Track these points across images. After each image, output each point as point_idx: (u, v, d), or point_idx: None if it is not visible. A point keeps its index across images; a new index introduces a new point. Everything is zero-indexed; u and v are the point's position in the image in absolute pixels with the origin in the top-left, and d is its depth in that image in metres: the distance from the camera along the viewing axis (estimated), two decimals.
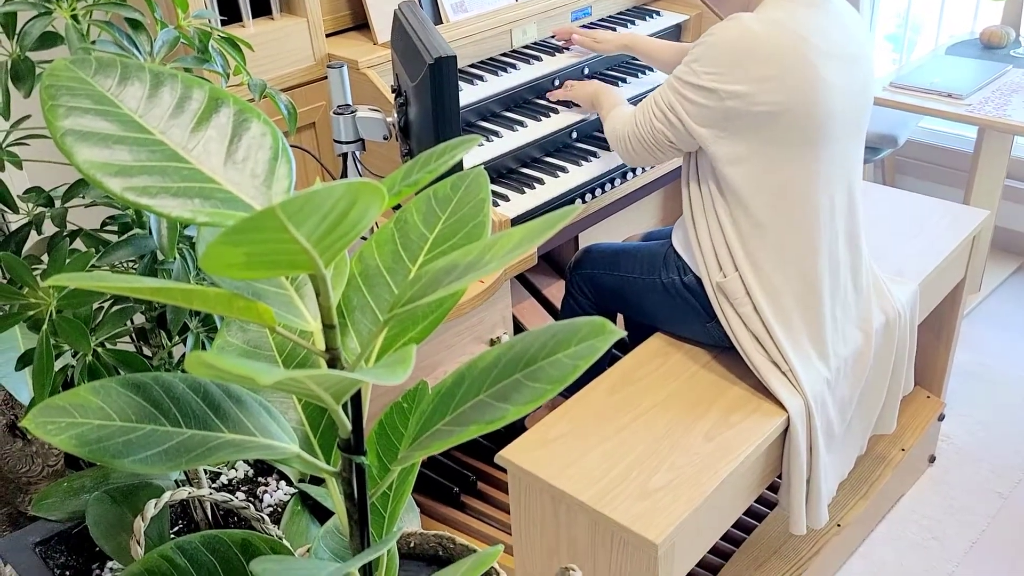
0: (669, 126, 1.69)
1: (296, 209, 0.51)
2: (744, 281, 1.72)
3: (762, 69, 1.58)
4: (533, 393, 0.66)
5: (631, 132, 1.77)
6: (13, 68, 0.87)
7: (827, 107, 1.62)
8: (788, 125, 1.61)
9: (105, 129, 0.68)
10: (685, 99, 1.65)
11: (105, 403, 0.70)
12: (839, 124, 1.66)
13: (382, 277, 0.81)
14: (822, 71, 1.60)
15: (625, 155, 1.82)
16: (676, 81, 1.67)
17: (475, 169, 0.85)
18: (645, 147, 1.75)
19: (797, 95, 1.59)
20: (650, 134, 1.72)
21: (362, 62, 1.95)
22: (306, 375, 0.53)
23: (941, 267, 2.15)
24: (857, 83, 1.69)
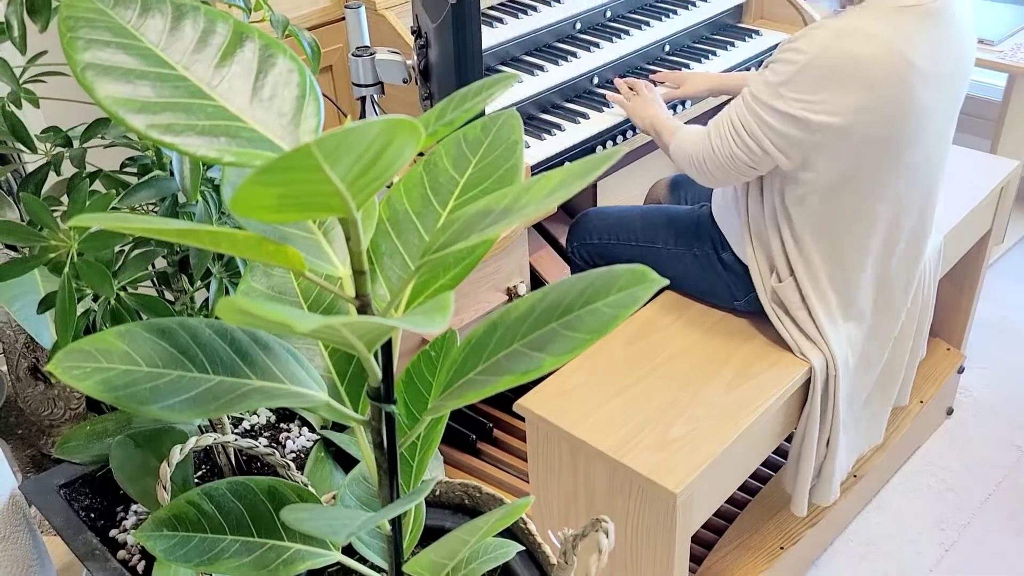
0: (749, 152, 1.53)
1: (332, 148, 0.48)
2: (799, 286, 1.65)
3: (860, 99, 1.43)
4: (570, 343, 0.64)
5: (707, 157, 1.60)
6: (29, 1, 0.84)
7: (920, 133, 1.51)
8: (877, 152, 1.50)
9: (126, 63, 0.66)
10: (768, 126, 1.49)
11: (131, 348, 0.69)
12: (927, 146, 1.56)
13: (411, 222, 0.79)
14: (921, 97, 1.46)
15: (702, 179, 1.66)
16: (757, 104, 1.50)
17: (507, 111, 0.82)
18: (725, 171, 1.59)
19: (893, 125, 1.47)
20: (728, 159, 1.57)
21: (380, 3, 1.90)
22: (342, 322, 0.51)
23: (967, 218, 2.11)
24: (948, 99, 1.55)
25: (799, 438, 1.78)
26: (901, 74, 1.43)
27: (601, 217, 1.97)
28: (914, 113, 1.48)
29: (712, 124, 1.62)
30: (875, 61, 1.42)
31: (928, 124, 1.52)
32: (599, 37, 2.16)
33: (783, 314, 1.69)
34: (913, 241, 1.71)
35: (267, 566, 0.81)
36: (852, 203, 1.56)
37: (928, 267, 1.90)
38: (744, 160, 1.56)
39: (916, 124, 1.50)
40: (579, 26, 2.17)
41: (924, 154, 1.57)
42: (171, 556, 0.80)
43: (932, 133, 1.55)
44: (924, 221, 1.70)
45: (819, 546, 2.06)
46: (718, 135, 1.59)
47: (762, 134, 1.51)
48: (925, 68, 1.45)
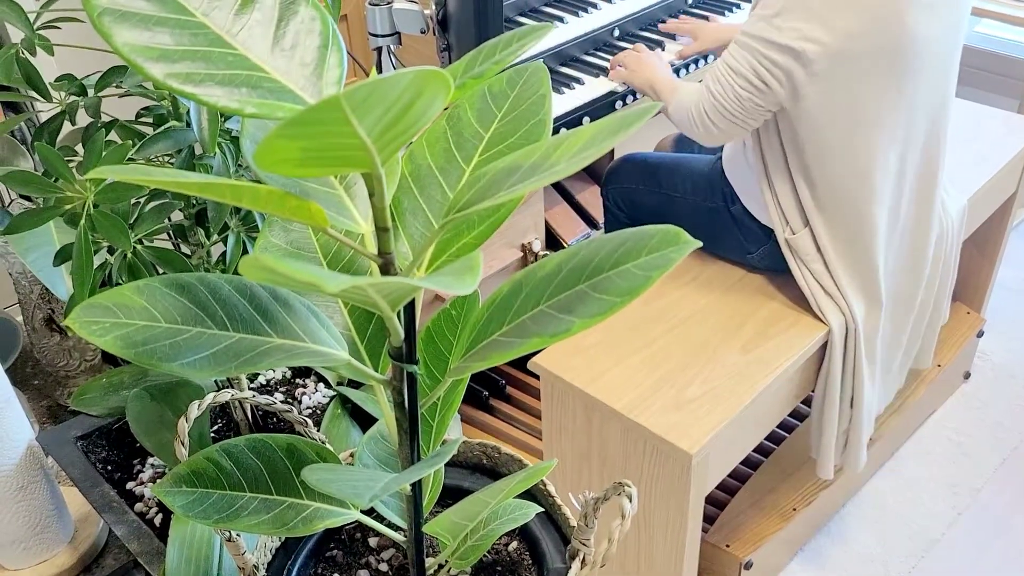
0: (752, 89, 1.49)
1: (361, 100, 0.46)
2: (816, 238, 1.62)
3: (853, 23, 1.41)
4: (600, 305, 0.62)
5: (710, 107, 1.55)
6: None
7: (917, 60, 1.48)
8: (874, 80, 1.47)
9: (144, 9, 0.63)
10: (767, 59, 1.46)
11: (150, 303, 0.67)
12: (926, 75, 1.52)
13: (434, 178, 0.77)
14: (913, 22, 1.43)
15: (705, 134, 1.61)
16: (753, 40, 1.47)
17: (534, 63, 0.80)
18: (732, 119, 1.54)
19: (887, 52, 1.44)
20: (735, 104, 1.52)
21: None
22: (370, 283, 0.49)
23: (992, 181, 2.07)
24: (949, 26, 1.52)
25: (819, 400, 1.76)
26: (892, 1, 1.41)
27: (634, 163, 1.95)
28: (909, 40, 1.45)
29: (708, 74, 1.57)
30: None
31: (925, 54, 1.49)
32: None
33: (801, 264, 1.67)
34: (923, 185, 1.68)
35: (286, 524, 0.81)
36: (854, 137, 1.53)
37: (951, 230, 1.87)
38: (750, 99, 1.51)
39: (912, 52, 1.47)
40: None
41: (924, 86, 1.54)
42: (190, 512, 0.80)
43: (930, 64, 1.52)
44: (930, 162, 1.67)
45: (832, 508, 2.06)
46: (716, 81, 1.54)
47: (763, 68, 1.48)
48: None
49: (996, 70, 3.20)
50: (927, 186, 1.70)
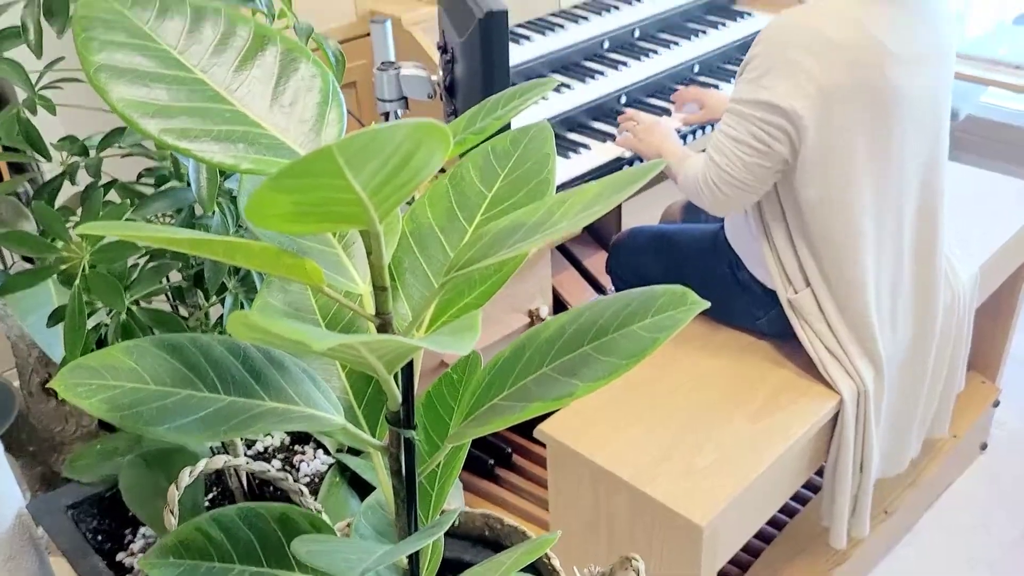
0: (760, 155, 1.49)
1: (355, 151, 0.45)
2: (817, 297, 1.60)
3: (835, 78, 1.41)
4: (605, 368, 0.60)
5: (717, 177, 1.54)
6: (46, 3, 0.82)
7: (902, 116, 1.48)
8: (860, 134, 1.47)
9: (142, 65, 0.62)
10: (764, 122, 1.47)
11: (139, 364, 0.65)
12: (912, 132, 1.53)
13: (436, 237, 0.75)
14: (899, 82, 1.45)
15: (713, 203, 1.59)
16: (744, 105, 1.48)
17: (538, 123, 0.78)
18: (741, 187, 1.53)
19: (871, 105, 1.45)
20: (743, 171, 1.51)
21: (406, 19, 1.88)
22: (362, 341, 0.47)
23: (1004, 248, 2.05)
24: (932, 81, 1.53)
25: (831, 467, 1.72)
26: (873, 54, 1.42)
27: (640, 235, 1.95)
28: (893, 94, 1.46)
29: (710, 145, 1.57)
30: (846, 40, 1.41)
31: (910, 108, 1.50)
32: (627, 56, 2.13)
33: (805, 325, 1.65)
34: (922, 247, 1.67)
35: None
36: (846, 193, 1.52)
37: (963, 296, 1.84)
38: (756, 164, 1.50)
39: (897, 106, 1.47)
40: (607, 45, 2.14)
41: (913, 141, 1.54)
42: None
43: (917, 119, 1.53)
44: (928, 223, 1.66)
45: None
46: (719, 152, 1.53)
47: (761, 131, 1.48)
48: (898, 50, 1.44)
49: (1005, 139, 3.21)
50: (927, 248, 1.68)
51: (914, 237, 1.66)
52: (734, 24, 2.29)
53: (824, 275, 1.59)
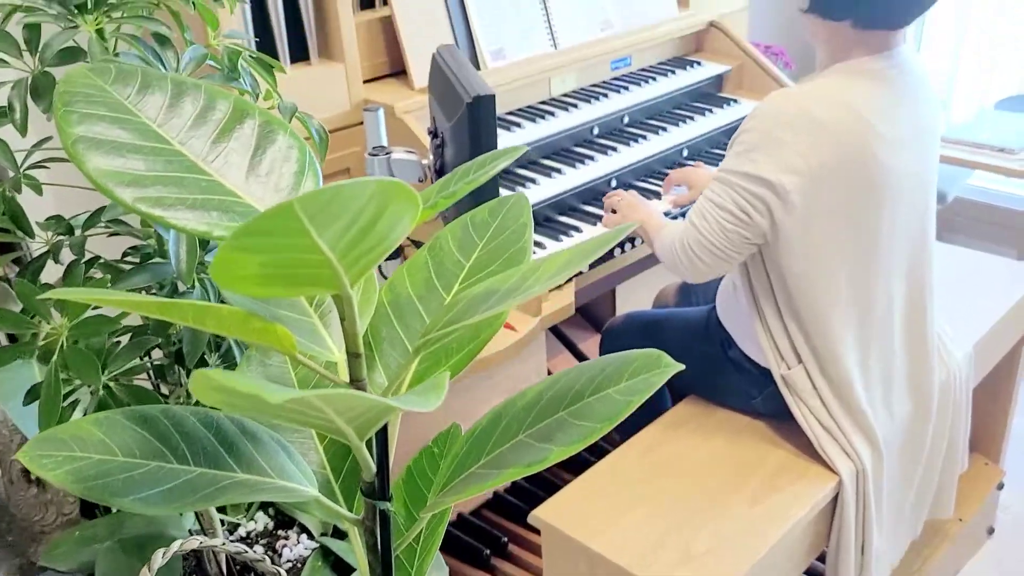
0: (741, 224, 1.50)
1: (318, 208, 0.45)
2: (809, 373, 1.59)
3: (824, 157, 1.43)
4: (580, 432, 0.59)
5: (695, 241, 1.55)
6: (33, 83, 0.83)
7: (891, 197, 1.50)
8: (848, 212, 1.48)
9: (120, 137, 0.63)
10: (749, 193, 1.48)
11: (108, 436, 0.64)
12: (899, 206, 1.53)
13: (414, 307, 0.75)
14: (888, 162, 1.46)
15: (691, 268, 1.59)
16: (732, 175, 1.50)
17: (516, 194, 0.79)
18: (718, 253, 1.54)
19: (859, 185, 1.46)
20: (721, 238, 1.52)
21: (399, 107, 1.92)
22: (319, 395, 0.46)
23: (998, 327, 2.04)
24: (919, 162, 1.55)
25: (833, 550, 1.68)
26: (861, 135, 1.43)
27: (632, 320, 1.94)
28: (880, 174, 1.46)
29: (692, 210, 1.58)
30: (834, 121, 1.43)
31: (899, 187, 1.51)
32: (616, 141, 2.16)
33: (800, 402, 1.63)
34: (913, 325, 1.65)
35: None
36: (835, 270, 1.53)
37: (959, 375, 1.83)
38: (735, 231, 1.51)
39: (886, 185, 1.48)
40: (597, 131, 2.18)
41: (901, 220, 1.55)
42: None
43: (906, 198, 1.53)
44: (917, 301, 1.65)
45: None
46: (701, 217, 1.54)
47: (744, 201, 1.49)
48: (886, 132, 1.45)
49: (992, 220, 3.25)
50: (918, 325, 1.68)
51: (904, 314, 1.66)
52: (720, 111, 2.34)
53: (813, 350, 1.59)
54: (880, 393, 1.65)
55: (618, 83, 2.30)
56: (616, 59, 2.32)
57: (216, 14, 0.96)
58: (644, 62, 2.41)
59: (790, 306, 1.58)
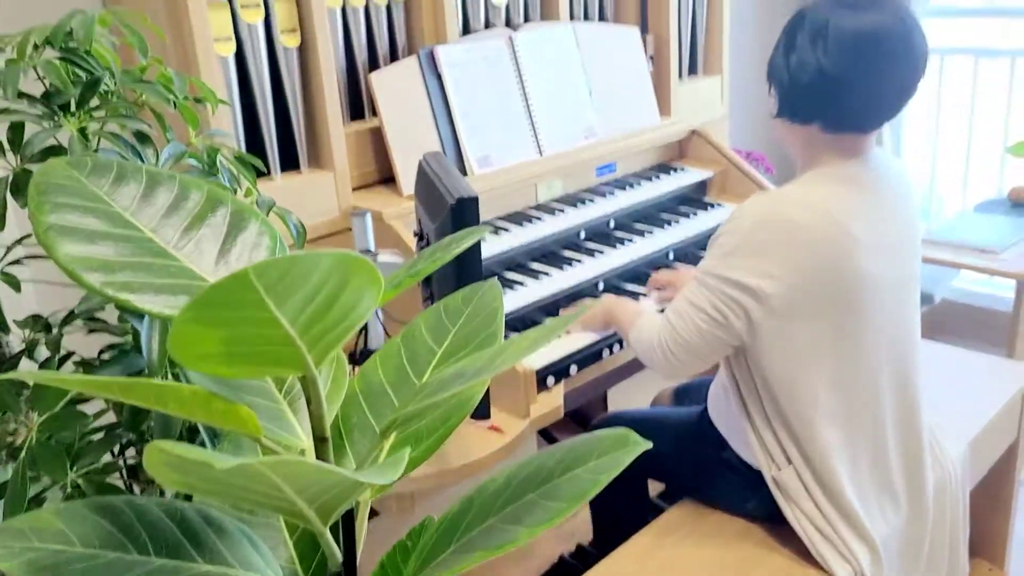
0: (717, 325, 1.51)
1: (275, 278, 0.45)
2: (800, 476, 1.57)
3: (802, 262, 1.44)
4: (548, 512, 0.58)
5: (670, 338, 1.56)
6: (14, 180, 0.85)
7: (870, 300, 1.50)
8: (831, 320, 1.48)
9: (91, 225, 0.64)
10: (727, 296, 1.49)
11: (68, 527, 0.62)
12: (882, 316, 1.53)
13: (386, 394, 0.75)
14: (867, 268, 1.47)
15: (665, 364, 1.60)
16: (710, 277, 1.51)
17: (489, 280, 0.80)
18: (693, 352, 1.55)
19: (840, 290, 1.46)
20: (696, 336, 1.53)
21: (387, 213, 1.95)
22: (265, 462, 0.45)
23: (990, 425, 2.03)
24: (899, 270, 1.55)
25: None
26: (839, 241, 1.44)
27: (621, 419, 1.91)
28: (858, 279, 1.46)
29: (669, 308, 1.59)
30: (812, 227, 1.43)
31: (879, 291, 1.50)
32: (603, 244, 2.19)
33: (793, 505, 1.59)
34: (905, 428, 1.62)
35: None
36: (817, 373, 1.51)
37: (953, 476, 1.79)
38: (710, 332, 1.51)
39: (862, 290, 1.48)
40: (583, 235, 2.21)
41: (885, 323, 1.54)
42: None
43: (888, 301, 1.53)
44: (906, 401, 1.63)
45: None
46: (678, 315, 1.55)
47: (721, 303, 1.49)
48: (865, 237, 1.46)
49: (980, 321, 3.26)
50: (910, 429, 1.64)
51: (895, 418, 1.63)
52: (705, 214, 2.38)
53: (802, 453, 1.56)
54: (874, 496, 1.62)
55: (604, 188, 2.35)
56: (601, 165, 2.38)
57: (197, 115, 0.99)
58: (629, 168, 2.47)
59: (776, 408, 1.57)
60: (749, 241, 1.47)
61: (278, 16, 1.87)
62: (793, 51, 1.48)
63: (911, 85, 1.48)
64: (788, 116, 1.52)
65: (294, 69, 1.92)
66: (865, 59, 1.41)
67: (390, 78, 2.05)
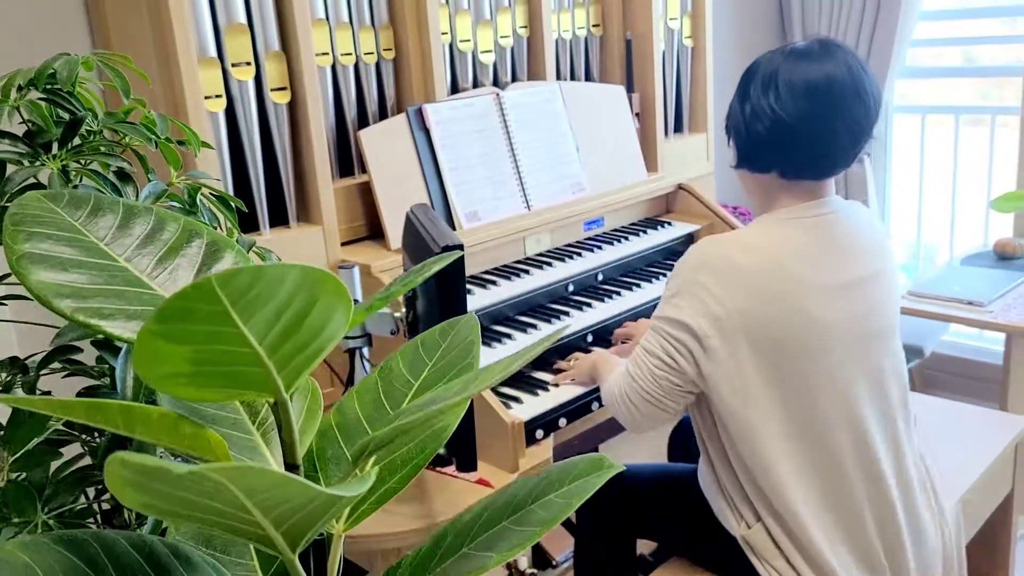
0: (670, 370, 1.50)
1: (240, 290, 0.45)
2: (770, 533, 1.53)
3: (743, 301, 1.42)
4: (520, 537, 0.57)
5: (629, 388, 1.55)
6: None
7: (822, 344, 1.46)
8: (774, 360, 1.45)
9: (64, 253, 0.64)
10: (675, 339, 1.48)
11: (33, 560, 0.61)
12: (832, 353, 1.48)
13: (361, 427, 0.74)
14: (814, 309, 1.44)
15: (628, 418, 1.59)
16: (659, 321, 1.50)
17: (467, 315, 0.80)
18: (652, 402, 1.53)
19: (782, 331, 1.44)
20: (652, 383, 1.52)
21: (375, 266, 1.96)
22: (226, 468, 0.44)
23: (983, 478, 2.01)
24: (857, 310, 1.50)
25: None
26: (781, 281, 1.43)
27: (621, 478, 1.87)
28: (805, 323, 1.44)
29: (629, 359, 1.58)
30: (754, 267, 1.43)
31: (826, 338, 1.46)
32: (591, 298, 2.20)
33: (765, 564, 1.54)
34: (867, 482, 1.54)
35: None
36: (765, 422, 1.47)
37: (949, 534, 1.74)
38: (665, 378, 1.50)
39: (810, 335, 1.45)
40: (571, 288, 2.22)
41: (842, 370, 1.49)
42: None
43: (840, 349, 1.48)
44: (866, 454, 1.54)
45: None
46: (635, 363, 1.54)
47: (671, 346, 1.48)
48: (812, 279, 1.44)
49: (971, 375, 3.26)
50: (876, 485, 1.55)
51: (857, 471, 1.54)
52: None
53: (769, 508, 1.51)
54: (849, 551, 1.56)
55: (592, 243, 2.36)
56: (589, 220, 2.40)
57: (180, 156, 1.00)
58: (617, 222, 2.49)
59: (740, 462, 1.52)
60: (691, 281, 1.46)
61: (268, 74, 1.91)
62: (747, 101, 1.50)
63: (865, 130, 1.48)
64: (747, 166, 1.54)
65: (284, 126, 1.94)
66: (817, 106, 1.43)
67: (379, 135, 2.07)
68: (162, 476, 0.43)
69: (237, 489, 0.47)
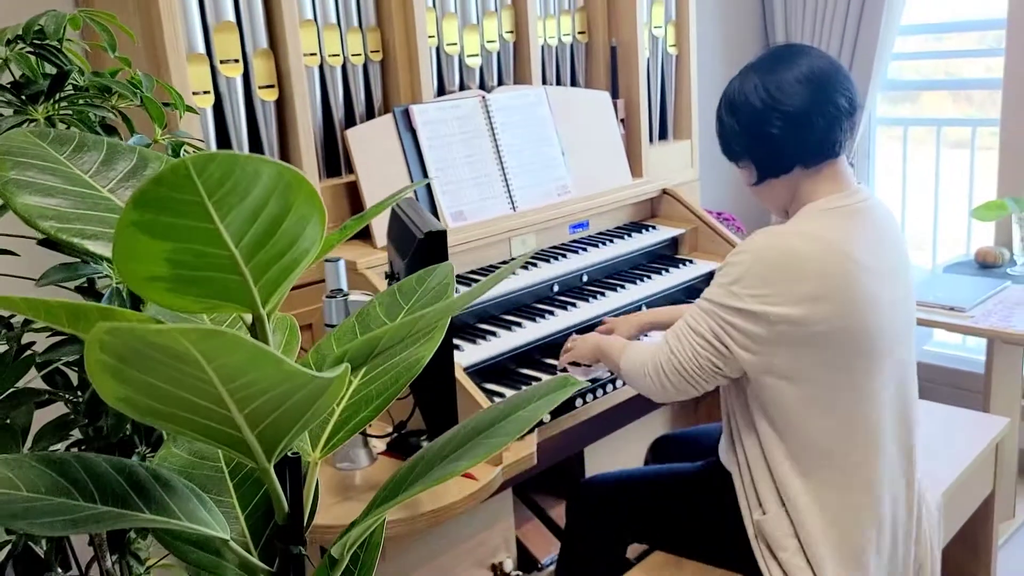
0: (716, 354, 1.52)
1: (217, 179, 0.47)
2: (792, 519, 1.54)
3: (811, 289, 1.45)
4: (488, 448, 0.58)
5: (667, 361, 1.57)
6: None
7: (877, 323, 1.50)
8: (841, 345, 1.48)
9: (50, 182, 0.66)
10: (730, 324, 1.49)
11: (16, 475, 0.63)
12: (889, 338, 1.53)
13: None
14: (869, 287, 1.48)
15: (658, 389, 1.61)
16: (714, 306, 1.52)
17: (444, 263, 0.82)
18: (687, 378, 1.55)
19: (849, 314, 1.47)
20: (693, 363, 1.54)
21: (361, 263, 1.98)
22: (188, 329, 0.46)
23: (965, 476, 2.03)
24: (900, 294, 1.56)
25: None
26: (843, 265, 1.46)
27: (602, 482, 1.88)
28: (866, 303, 1.47)
29: (669, 332, 1.59)
30: (815, 255, 1.46)
31: (884, 316, 1.51)
32: (576, 298, 2.22)
33: (767, 555, 1.55)
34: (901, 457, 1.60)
35: None
36: (836, 407, 1.50)
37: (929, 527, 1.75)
38: (708, 359, 1.52)
39: (872, 315, 1.49)
40: (557, 288, 2.24)
41: (891, 350, 1.54)
42: None
43: (893, 328, 1.53)
44: (906, 431, 1.61)
45: None
46: (677, 339, 1.55)
47: (723, 332, 1.50)
48: (865, 261, 1.48)
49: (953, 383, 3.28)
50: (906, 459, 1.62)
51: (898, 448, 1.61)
52: (676, 270, 2.42)
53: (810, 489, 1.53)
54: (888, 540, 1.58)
55: (577, 245, 2.39)
56: (574, 223, 2.42)
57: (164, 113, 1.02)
58: (602, 226, 2.51)
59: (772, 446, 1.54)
60: (755, 270, 1.48)
61: (256, 71, 1.93)
62: (742, 116, 1.56)
63: (857, 103, 1.56)
64: (771, 174, 1.58)
65: (272, 123, 1.97)
66: (816, 91, 1.51)
67: (366, 134, 2.10)
68: (139, 336, 0.45)
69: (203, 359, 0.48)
